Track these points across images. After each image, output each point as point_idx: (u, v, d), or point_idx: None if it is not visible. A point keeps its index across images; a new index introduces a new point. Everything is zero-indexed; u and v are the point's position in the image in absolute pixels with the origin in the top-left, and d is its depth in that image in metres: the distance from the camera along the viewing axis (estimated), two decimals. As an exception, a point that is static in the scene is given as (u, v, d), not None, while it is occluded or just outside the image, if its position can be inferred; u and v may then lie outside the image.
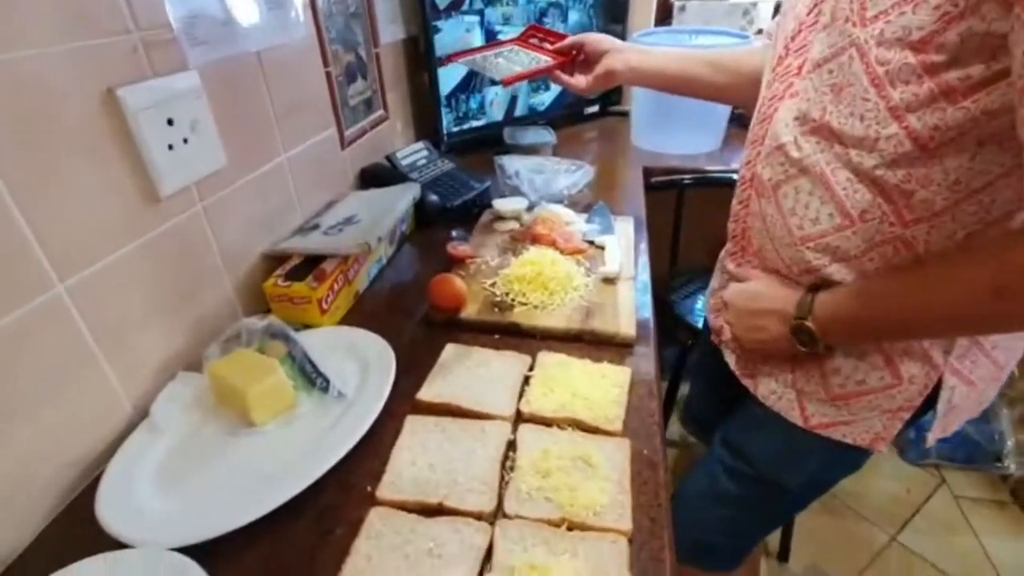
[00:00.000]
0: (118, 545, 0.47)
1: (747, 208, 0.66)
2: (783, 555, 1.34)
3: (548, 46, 0.90)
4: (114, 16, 0.55)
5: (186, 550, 0.46)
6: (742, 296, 0.65)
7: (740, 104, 0.86)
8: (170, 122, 0.61)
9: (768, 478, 0.68)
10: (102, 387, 0.58)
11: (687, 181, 1.29)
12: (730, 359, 0.72)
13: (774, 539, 1.36)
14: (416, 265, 0.96)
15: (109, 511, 0.50)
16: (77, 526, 0.51)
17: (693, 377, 1.05)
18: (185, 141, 0.63)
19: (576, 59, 0.87)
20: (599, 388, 0.63)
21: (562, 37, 0.89)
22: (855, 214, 0.53)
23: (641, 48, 0.85)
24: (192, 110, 0.64)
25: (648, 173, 1.32)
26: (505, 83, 0.83)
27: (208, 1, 0.67)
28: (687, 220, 1.39)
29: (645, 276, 0.86)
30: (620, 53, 0.82)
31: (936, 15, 0.42)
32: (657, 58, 0.84)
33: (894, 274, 0.53)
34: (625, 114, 1.62)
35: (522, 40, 0.95)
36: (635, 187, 1.23)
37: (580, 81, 0.85)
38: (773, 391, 0.66)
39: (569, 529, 0.48)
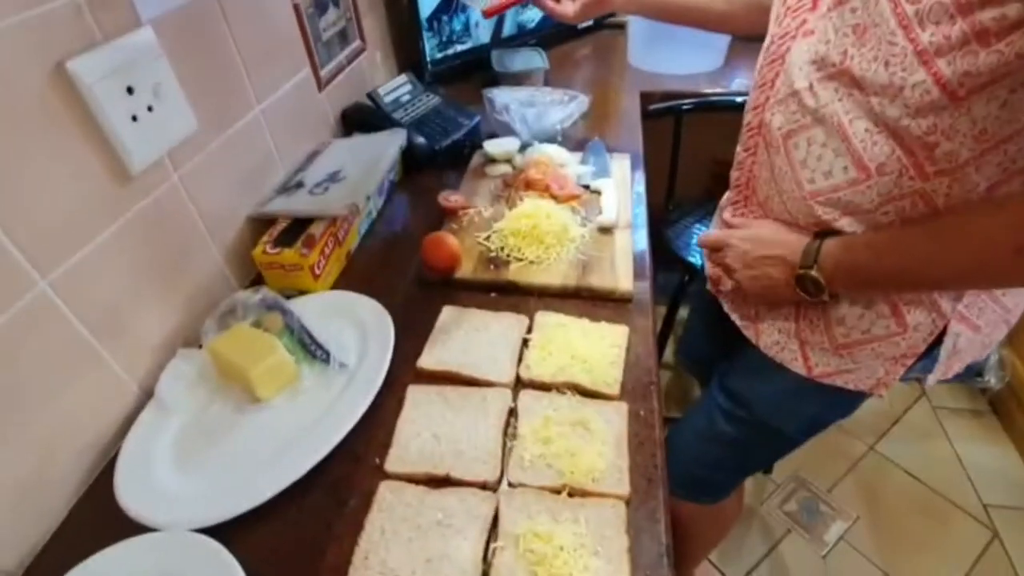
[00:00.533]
0: (142, 526, 0.50)
1: (754, 157, 0.64)
2: (767, 467, 1.43)
3: None
4: (48, -27, 0.49)
5: (207, 530, 0.49)
6: (746, 241, 0.64)
7: (746, 33, 0.79)
8: (130, 90, 0.56)
9: (766, 423, 0.71)
10: (105, 373, 0.58)
11: (686, 107, 1.23)
12: (730, 309, 0.72)
13: (761, 454, 1.45)
14: (407, 216, 0.94)
15: (130, 496, 0.52)
16: (100, 508, 0.53)
17: (691, 314, 1.07)
18: (150, 109, 0.59)
19: None
20: (597, 349, 0.63)
21: None
22: (872, 167, 0.50)
23: None
24: (152, 73, 0.59)
25: (645, 99, 1.25)
26: (487, 14, 0.77)
27: (152, -60, 0.59)
28: (685, 146, 1.34)
29: (642, 224, 0.84)
30: None
31: None
32: None
33: (909, 226, 0.52)
34: (621, 26, 1.51)
35: None
36: (632, 118, 1.17)
37: (567, 7, 0.78)
38: (776, 341, 0.67)
39: (570, 495, 0.51)
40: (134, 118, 0.57)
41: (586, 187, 0.90)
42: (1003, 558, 1.25)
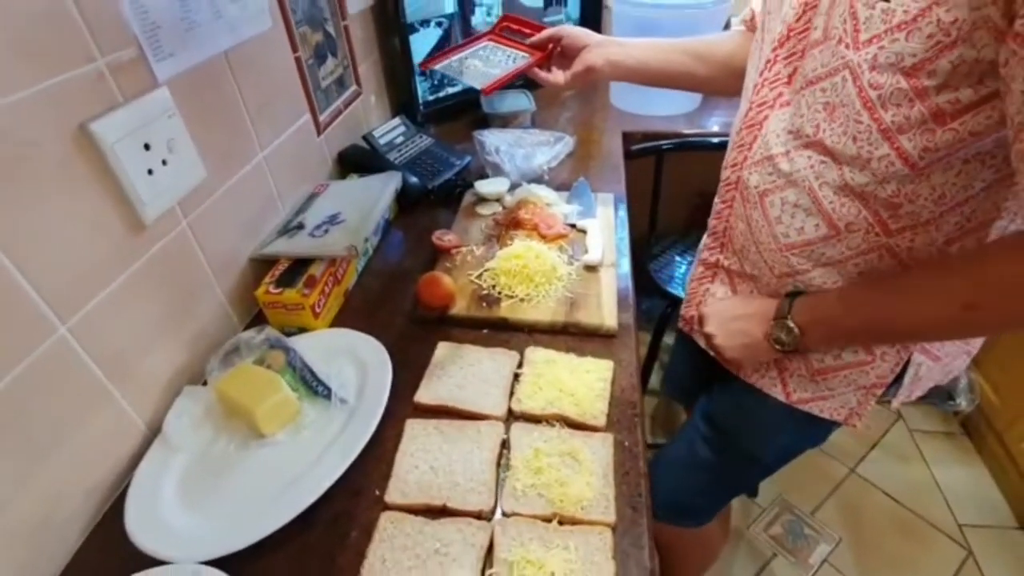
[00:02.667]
0: (149, 560, 0.52)
1: (731, 208, 0.69)
2: (752, 491, 1.47)
3: (523, 39, 0.88)
4: (75, 44, 0.53)
5: (215, 562, 0.51)
6: (721, 307, 0.70)
7: (722, 94, 0.86)
8: (147, 147, 0.61)
9: (743, 449, 0.75)
10: (115, 413, 0.61)
11: (666, 147, 1.30)
12: (707, 346, 0.77)
13: (745, 478, 1.49)
14: (402, 254, 0.98)
15: (139, 529, 0.54)
16: (108, 545, 0.55)
17: (675, 344, 1.12)
18: (164, 163, 0.63)
19: (553, 52, 0.86)
20: (584, 383, 0.67)
21: (538, 28, 0.87)
22: (841, 225, 0.56)
23: (619, 41, 0.84)
24: (167, 129, 0.63)
25: (627, 139, 1.32)
26: (485, 92, 0.82)
27: (169, 8, 0.64)
28: (666, 182, 1.41)
29: (626, 261, 0.89)
30: (599, 48, 0.81)
31: (929, 43, 0.43)
32: (638, 51, 0.83)
33: (873, 283, 0.57)
34: (603, 70, 1.59)
35: (496, 34, 0.92)
36: (615, 158, 1.24)
37: (558, 77, 0.84)
38: (756, 369, 0.71)
39: (560, 523, 0.55)
40: (149, 171, 0.61)
41: (572, 226, 0.96)
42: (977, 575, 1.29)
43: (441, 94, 1.38)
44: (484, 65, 0.87)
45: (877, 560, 1.33)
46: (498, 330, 0.78)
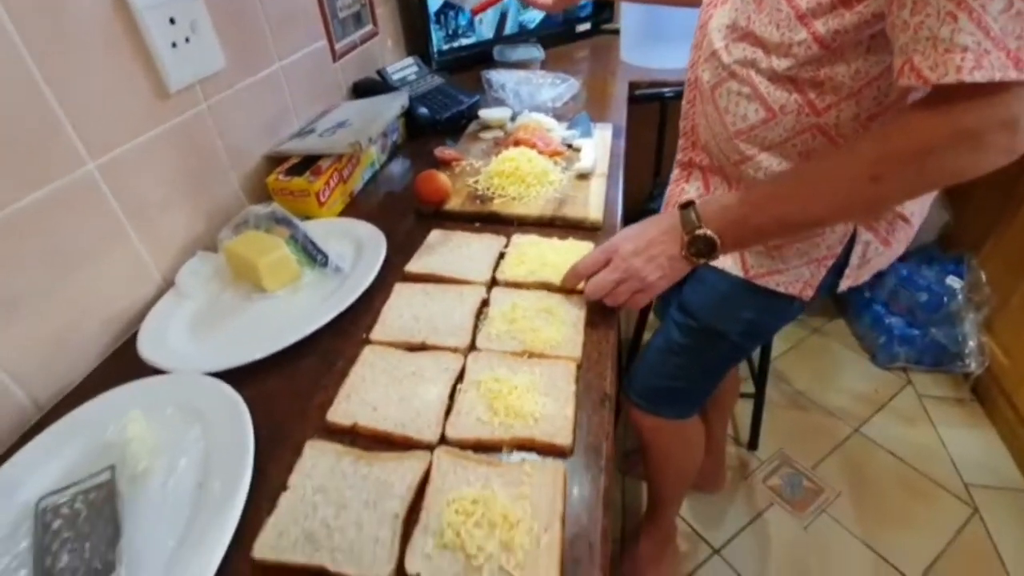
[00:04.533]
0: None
1: (693, 107, 0.75)
2: (752, 444, 1.47)
3: None
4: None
5: (214, 375, 0.57)
6: (626, 241, 0.63)
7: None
8: (172, 21, 0.67)
9: (712, 327, 0.78)
10: (134, 256, 0.67)
11: (669, 94, 1.33)
12: None
13: (744, 429, 1.49)
14: (406, 172, 1.03)
15: (149, 349, 0.60)
16: (123, 367, 0.61)
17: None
18: (187, 40, 0.70)
19: None
20: (565, 258, 0.71)
21: None
22: (776, 108, 0.62)
23: None
24: (191, 10, 0.70)
25: (633, 87, 1.36)
26: (474, 12, 0.87)
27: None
28: (670, 132, 1.43)
29: (618, 173, 0.93)
30: None
31: None
32: None
33: (776, 179, 0.61)
34: (617, 31, 1.63)
35: None
36: (619, 100, 1.27)
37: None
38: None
39: (529, 357, 0.58)
40: (174, 44, 0.68)
41: (569, 146, 1.00)
42: (982, 533, 1.26)
43: (455, 44, 1.44)
44: None
45: (878, 513, 1.31)
46: (489, 223, 0.82)
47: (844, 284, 0.71)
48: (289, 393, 0.57)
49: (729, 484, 1.39)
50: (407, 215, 0.86)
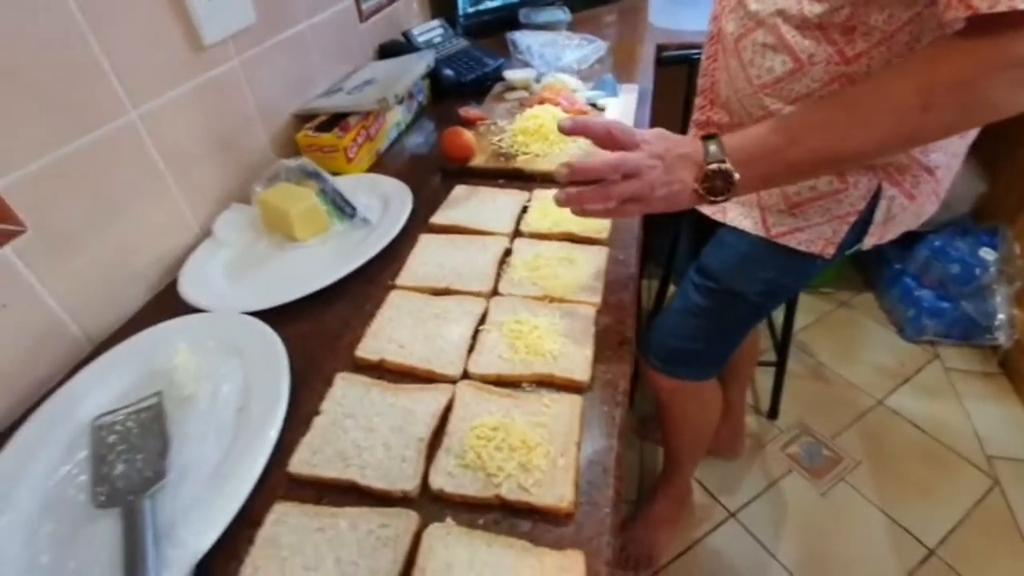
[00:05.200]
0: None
1: (715, 63, 0.73)
2: (772, 413, 1.47)
3: None
4: None
5: (250, 315, 0.60)
6: (663, 138, 0.55)
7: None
8: (206, -26, 0.69)
9: (731, 288, 0.78)
10: (173, 206, 0.71)
11: (697, 56, 1.30)
12: (703, 209, 0.79)
13: (764, 399, 1.49)
14: (431, 132, 1.04)
15: (190, 289, 0.64)
16: (166, 307, 0.65)
17: (681, 236, 1.14)
18: (220, -6, 0.72)
19: None
20: (586, 212, 0.72)
21: None
22: (804, 58, 0.60)
23: None
24: (224, -35, 0.72)
25: (661, 50, 1.33)
26: None
27: None
28: (699, 99, 1.41)
29: (641, 132, 0.92)
30: None
31: None
32: None
33: (813, 107, 0.54)
34: (645, -6, 1.60)
35: None
36: (647, 63, 1.26)
37: None
38: (740, 213, 0.75)
39: (550, 302, 0.60)
40: (208, -2, 0.70)
41: (593, 105, 0.99)
42: (1002, 504, 1.25)
43: (481, 7, 1.43)
44: None
45: (897, 483, 1.31)
46: (513, 180, 0.83)
47: (869, 241, 0.70)
48: (320, 333, 0.60)
49: (747, 452, 1.40)
50: (433, 173, 0.88)
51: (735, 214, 0.74)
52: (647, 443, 1.43)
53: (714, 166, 0.52)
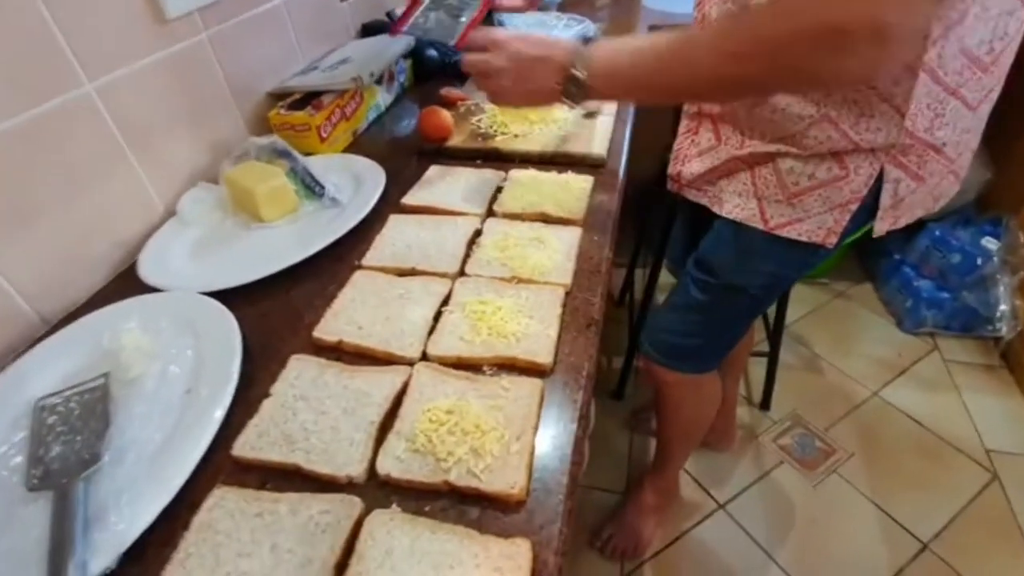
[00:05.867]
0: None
1: None
2: (765, 404, 1.45)
3: None
4: None
5: (210, 295, 0.58)
6: (524, 40, 0.62)
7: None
8: (168, -57, 0.67)
9: (731, 283, 0.75)
10: (136, 184, 0.68)
11: (691, 37, 1.27)
12: (695, 196, 0.77)
13: (756, 389, 1.46)
14: (412, 114, 1.02)
15: (148, 270, 0.62)
16: (126, 288, 0.63)
17: (676, 224, 1.11)
18: (184, -35, 0.69)
19: None
20: (564, 190, 0.70)
21: None
22: None
23: None
24: (188, -66, 0.69)
25: (653, 30, 1.30)
26: (458, 47, 0.75)
27: None
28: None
29: (627, 113, 0.90)
30: None
31: None
32: None
33: (675, 36, 0.54)
34: (640, -23, 1.56)
35: None
36: (636, 43, 1.22)
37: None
38: (737, 205, 0.71)
39: (518, 283, 0.58)
40: (170, -32, 0.67)
41: (578, 86, 0.96)
42: (1001, 498, 1.22)
43: (469, -12, 1.39)
44: (449, 17, 0.79)
45: (892, 476, 1.29)
46: (490, 160, 0.81)
47: (882, 226, 0.66)
48: (281, 314, 0.58)
49: (739, 443, 1.37)
50: (411, 155, 0.85)
51: (731, 205, 0.71)
52: (637, 434, 1.41)
53: (574, 72, 0.57)
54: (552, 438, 0.44)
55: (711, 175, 0.73)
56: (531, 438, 0.43)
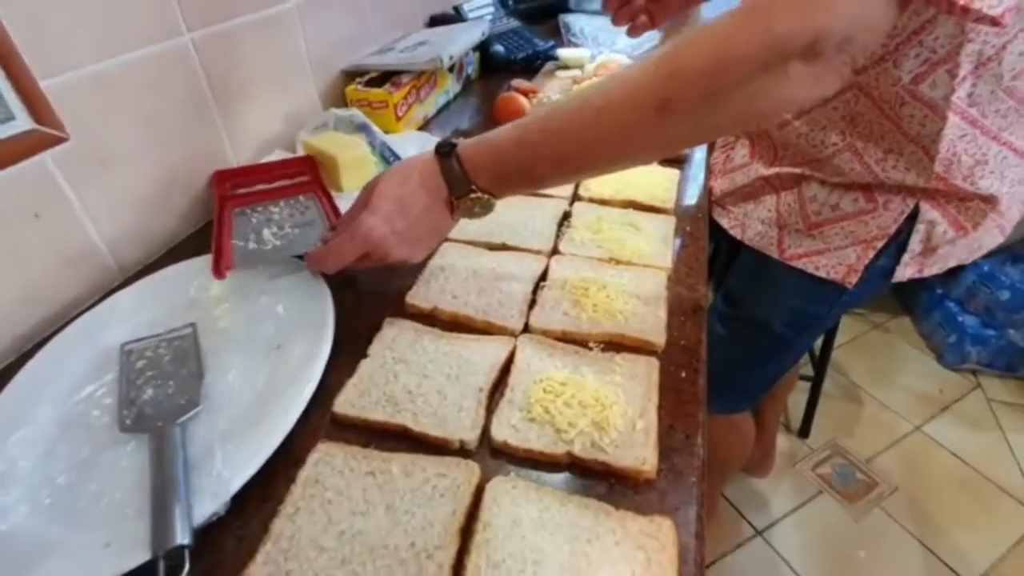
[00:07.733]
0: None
1: None
2: (804, 432, 1.41)
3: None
4: None
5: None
6: (390, 182, 0.49)
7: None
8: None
9: (754, 317, 0.71)
10: (215, 140, 0.67)
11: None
12: (720, 214, 0.73)
13: (796, 417, 1.42)
14: (478, 104, 1.01)
15: (231, 226, 0.60)
16: (201, 245, 0.60)
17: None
18: (285, -70, 0.69)
19: None
20: (653, 180, 0.68)
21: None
22: None
23: None
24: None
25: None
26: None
27: None
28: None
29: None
30: None
31: None
32: None
33: (556, 107, 0.44)
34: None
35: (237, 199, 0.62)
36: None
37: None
38: (758, 232, 0.67)
39: (616, 264, 0.55)
40: (273, -70, 0.67)
41: (650, 86, 0.95)
42: (1051, 544, 1.18)
43: (532, -8, 1.40)
44: (292, 224, 0.59)
45: (935, 512, 1.24)
46: (568, 149, 0.79)
47: (904, 272, 0.60)
48: (367, 279, 0.56)
49: (776, 470, 1.33)
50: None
51: (753, 232, 0.68)
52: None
53: (468, 195, 0.47)
54: (675, 419, 0.41)
55: (739, 194, 0.70)
56: (654, 416, 0.40)
